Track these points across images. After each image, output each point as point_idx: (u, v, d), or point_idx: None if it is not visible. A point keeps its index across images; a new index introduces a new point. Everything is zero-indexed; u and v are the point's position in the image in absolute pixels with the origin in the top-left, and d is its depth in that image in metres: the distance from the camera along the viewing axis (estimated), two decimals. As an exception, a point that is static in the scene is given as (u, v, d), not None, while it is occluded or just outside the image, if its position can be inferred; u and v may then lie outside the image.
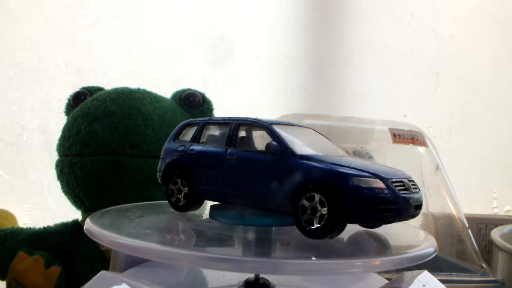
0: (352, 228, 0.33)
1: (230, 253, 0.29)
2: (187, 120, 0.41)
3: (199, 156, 0.37)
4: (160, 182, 0.40)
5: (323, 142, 0.37)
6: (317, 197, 0.29)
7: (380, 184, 0.29)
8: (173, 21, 0.86)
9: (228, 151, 0.35)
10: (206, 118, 0.39)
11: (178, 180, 0.37)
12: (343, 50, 0.94)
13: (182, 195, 0.37)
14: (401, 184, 0.31)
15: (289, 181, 0.31)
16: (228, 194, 0.34)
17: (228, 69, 0.87)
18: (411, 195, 0.31)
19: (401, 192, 0.30)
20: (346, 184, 0.29)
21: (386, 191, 0.29)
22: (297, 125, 0.38)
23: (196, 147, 0.37)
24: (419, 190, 0.32)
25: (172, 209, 0.38)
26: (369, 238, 0.33)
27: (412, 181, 0.33)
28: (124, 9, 0.85)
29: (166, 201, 0.38)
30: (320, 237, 0.29)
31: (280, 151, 0.32)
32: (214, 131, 0.38)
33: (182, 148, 0.38)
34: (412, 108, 0.93)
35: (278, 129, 0.34)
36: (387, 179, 0.30)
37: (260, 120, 0.35)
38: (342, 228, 0.30)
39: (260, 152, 0.33)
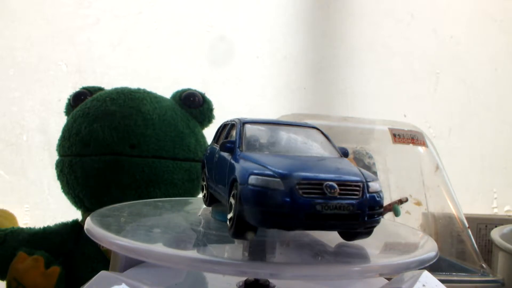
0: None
1: (229, 256, 0.29)
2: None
3: (208, 155, 0.39)
4: None
5: (308, 143, 0.34)
6: (236, 195, 0.28)
7: (277, 184, 0.26)
8: (173, 21, 0.86)
9: (218, 150, 0.35)
10: (225, 120, 0.40)
11: (204, 177, 0.39)
12: (343, 50, 0.94)
13: (206, 191, 0.39)
14: (317, 186, 0.26)
15: (227, 178, 0.30)
16: (215, 190, 0.35)
17: (228, 69, 0.87)
18: (323, 201, 0.26)
19: (306, 195, 0.26)
20: (245, 182, 0.27)
21: (277, 193, 0.26)
22: (293, 124, 0.36)
23: (210, 148, 0.39)
24: (359, 197, 0.27)
25: (172, 208, 0.38)
26: (371, 241, 0.33)
27: (353, 186, 0.27)
28: (124, 9, 0.85)
29: (166, 199, 0.38)
30: (234, 236, 0.28)
31: (230, 149, 0.32)
32: (225, 132, 0.38)
33: (207, 149, 0.40)
34: (412, 108, 0.93)
35: (253, 128, 0.33)
36: (294, 178, 0.26)
37: (237, 119, 0.35)
38: (251, 229, 0.27)
39: None
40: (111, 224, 0.33)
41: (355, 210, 0.27)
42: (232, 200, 0.28)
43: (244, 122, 0.34)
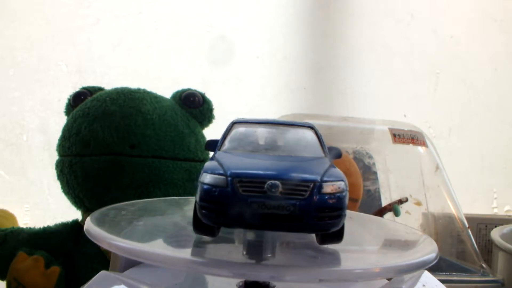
0: (357, 234, 0.32)
1: (229, 257, 0.29)
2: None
3: None
4: None
5: (290, 143, 0.33)
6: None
7: (222, 182, 0.26)
8: (173, 21, 0.86)
9: None
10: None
11: None
12: (343, 50, 0.94)
13: None
14: (258, 185, 0.25)
15: None
16: None
17: (228, 69, 0.87)
18: (260, 200, 0.25)
19: (246, 193, 0.25)
20: (199, 180, 0.27)
21: (220, 190, 0.26)
22: (285, 123, 0.35)
23: None
24: (305, 198, 0.25)
25: (172, 208, 0.38)
26: (370, 241, 0.33)
27: (301, 185, 0.25)
28: (124, 9, 0.85)
29: (166, 199, 0.38)
30: (195, 232, 0.28)
31: (213, 148, 0.32)
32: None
33: None
34: (412, 108, 0.93)
35: (239, 128, 0.33)
36: (237, 176, 0.26)
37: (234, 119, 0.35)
38: (207, 227, 0.27)
39: None
40: (111, 225, 0.33)
41: (297, 211, 0.25)
42: None
43: (234, 122, 0.34)
